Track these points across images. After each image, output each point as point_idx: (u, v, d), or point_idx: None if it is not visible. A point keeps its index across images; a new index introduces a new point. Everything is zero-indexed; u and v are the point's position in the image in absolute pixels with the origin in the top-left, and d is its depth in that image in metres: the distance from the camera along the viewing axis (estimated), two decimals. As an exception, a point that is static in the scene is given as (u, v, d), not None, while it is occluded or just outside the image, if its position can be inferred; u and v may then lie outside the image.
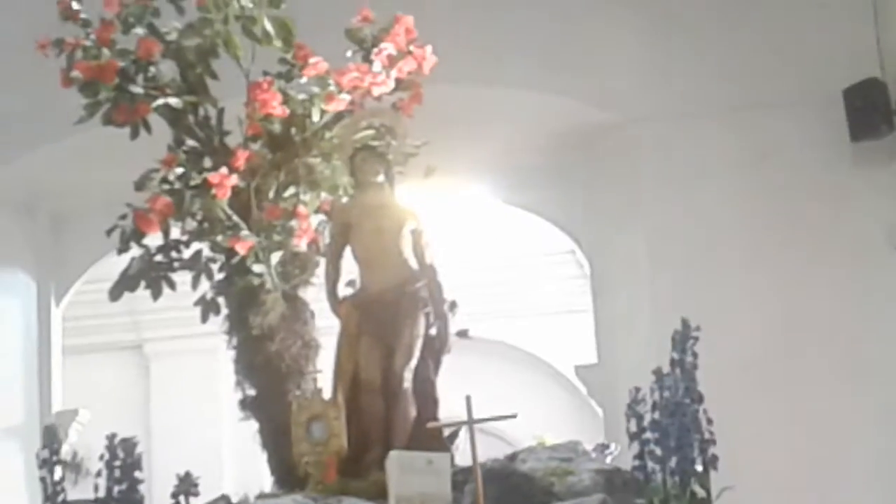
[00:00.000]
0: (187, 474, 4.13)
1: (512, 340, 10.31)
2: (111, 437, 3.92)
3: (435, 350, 4.17)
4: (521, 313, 10.30)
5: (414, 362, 4.10)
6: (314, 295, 4.56)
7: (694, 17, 7.05)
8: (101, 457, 3.93)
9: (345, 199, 4.43)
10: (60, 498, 3.89)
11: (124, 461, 3.86)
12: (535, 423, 4.90)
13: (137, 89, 4.44)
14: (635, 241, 7.06)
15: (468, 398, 3.81)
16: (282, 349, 4.39)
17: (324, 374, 4.26)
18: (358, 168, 4.32)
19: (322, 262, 4.53)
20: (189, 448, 8.02)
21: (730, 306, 6.62)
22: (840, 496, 6.33)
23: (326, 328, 4.49)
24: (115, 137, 4.79)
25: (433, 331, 4.19)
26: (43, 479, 3.91)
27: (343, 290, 4.35)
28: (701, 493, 3.32)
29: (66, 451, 8.08)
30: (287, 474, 4.26)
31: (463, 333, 4.21)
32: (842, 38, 6.93)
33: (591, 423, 8.72)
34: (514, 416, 3.72)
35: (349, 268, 4.37)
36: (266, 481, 4.46)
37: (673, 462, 3.31)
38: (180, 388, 10.09)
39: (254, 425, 4.47)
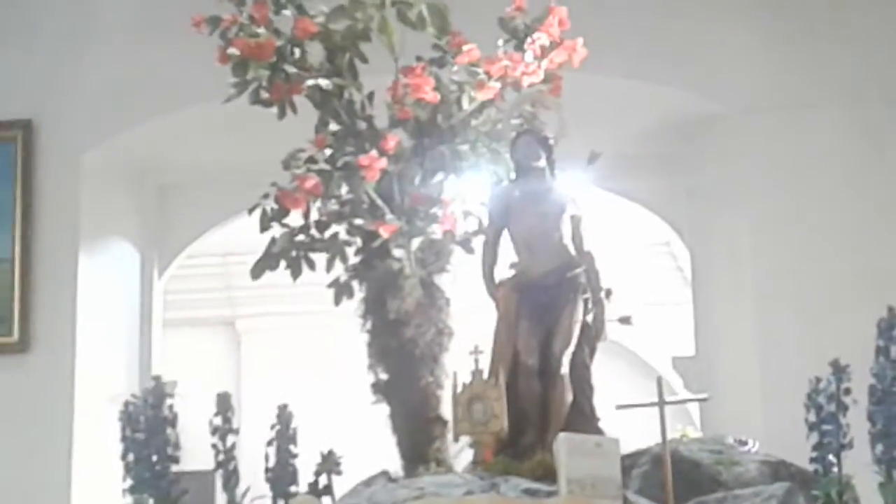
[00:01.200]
0: (330, 452, 4.16)
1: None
2: (282, 408, 3.98)
3: (591, 336, 4.19)
4: (613, 304, 10.22)
5: (572, 348, 4.12)
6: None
7: (803, 7, 7.00)
8: (272, 426, 3.99)
9: (504, 183, 4.44)
10: (232, 465, 3.94)
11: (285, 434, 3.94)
12: (627, 416, 4.87)
13: (291, 69, 4.47)
14: (739, 232, 7.01)
15: (659, 379, 3.85)
16: (416, 335, 4.41)
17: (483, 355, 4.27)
18: (519, 152, 4.33)
19: (456, 250, 4.57)
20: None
21: (837, 301, 6.56)
22: None
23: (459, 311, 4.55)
24: (225, 114, 4.84)
25: (590, 317, 4.21)
26: (214, 447, 3.96)
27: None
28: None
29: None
30: (418, 458, 4.29)
31: (626, 320, 4.23)
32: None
33: (679, 417, 8.73)
34: (705, 399, 3.74)
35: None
36: (358, 462, 4.49)
37: (879, 451, 3.33)
38: (270, 366, 10.16)
39: (340, 404, 4.47)
